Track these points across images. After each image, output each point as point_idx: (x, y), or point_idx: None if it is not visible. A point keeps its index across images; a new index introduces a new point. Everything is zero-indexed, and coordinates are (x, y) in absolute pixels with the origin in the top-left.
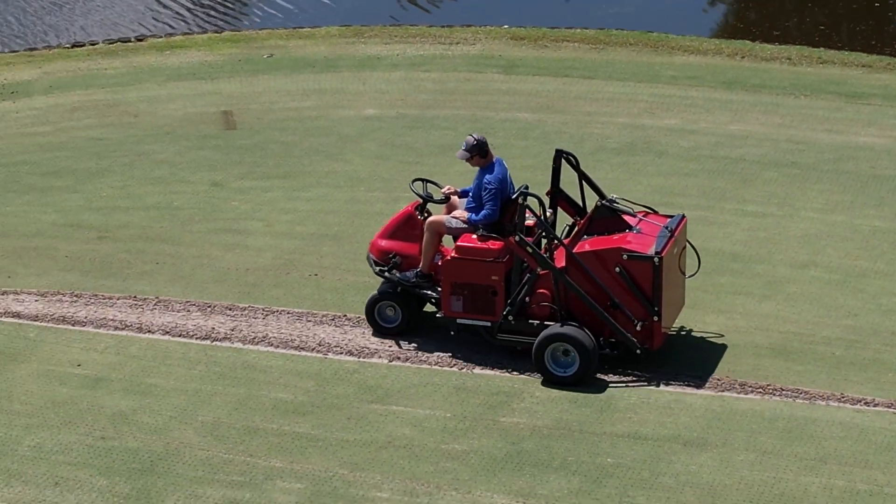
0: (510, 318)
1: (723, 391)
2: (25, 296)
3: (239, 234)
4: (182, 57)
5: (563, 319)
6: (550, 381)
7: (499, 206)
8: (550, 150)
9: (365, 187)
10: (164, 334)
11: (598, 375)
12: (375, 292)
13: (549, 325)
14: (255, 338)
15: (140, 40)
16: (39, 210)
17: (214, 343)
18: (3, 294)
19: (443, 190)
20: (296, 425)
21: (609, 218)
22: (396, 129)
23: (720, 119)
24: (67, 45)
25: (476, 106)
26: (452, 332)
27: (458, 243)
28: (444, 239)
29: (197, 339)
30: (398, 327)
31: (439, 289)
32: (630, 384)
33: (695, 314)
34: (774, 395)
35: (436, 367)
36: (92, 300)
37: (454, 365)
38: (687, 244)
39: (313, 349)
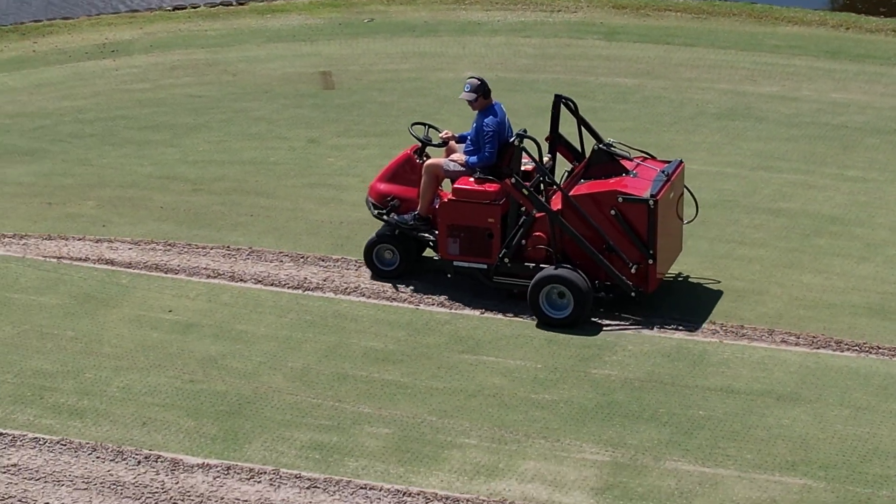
0: (506, 260)
1: (818, 348)
2: (119, 244)
3: (334, 189)
4: (282, 20)
5: (559, 262)
6: (545, 323)
7: (496, 149)
8: (649, 113)
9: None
10: (255, 283)
11: (697, 334)
12: (374, 235)
13: (545, 268)
14: (346, 288)
15: (241, 3)
16: (136, 162)
17: (306, 293)
18: (97, 242)
19: (441, 134)
20: (385, 373)
21: (607, 163)
22: (495, 92)
23: (822, 87)
24: (169, 8)
25: (575, 70)
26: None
27: (454, 186)
28: (444, 184)
29: (289, 288)
30: (396, 270)
31: (437, 231)
32: (724, 340)
33: (792, 273)
34: (871, 353)
35: (528, 319)
36: (185, 249)
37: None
38: (685, 191)
39: (405, 300)
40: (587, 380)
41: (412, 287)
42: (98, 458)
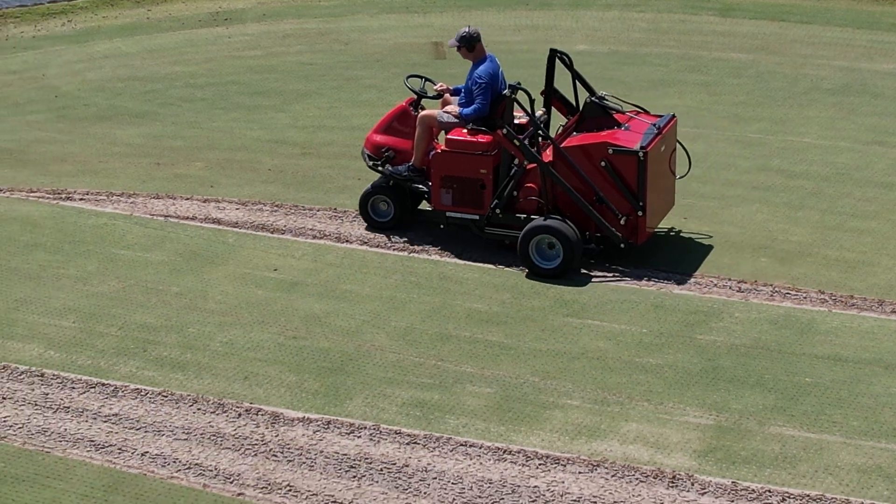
0: (498, 211)
1: None
2: (227, 204)
3: None
4: None
5: (550, 213)
6: (535, 274)
7: (489, 100)
8: (763, 88)
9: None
10: (361, 244)
11: (806, 303)
12: (369, 186)
13: (535, 219)
14: (453, 252)
15: None
16: (245, 126)
17: (411, 255)
18: (204, 202)
19: (435, 87)
20: (489, 334)
21: (599, 116)
22: (607, 65)
23: None
24: None
25: (689, 45)
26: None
27: (447, 137)
28: (441, 137)
29: (394, 250)
30: (391, 222)
31: (430, 183)
32: (833, 310)
33: None
34: None
35: (634, 284)
36: (292, 210)
37: (653, 284)
38: (678, 146)
39: (511, 264)
40: (692, 345)
41: (513, 256)
42: (199, 409)
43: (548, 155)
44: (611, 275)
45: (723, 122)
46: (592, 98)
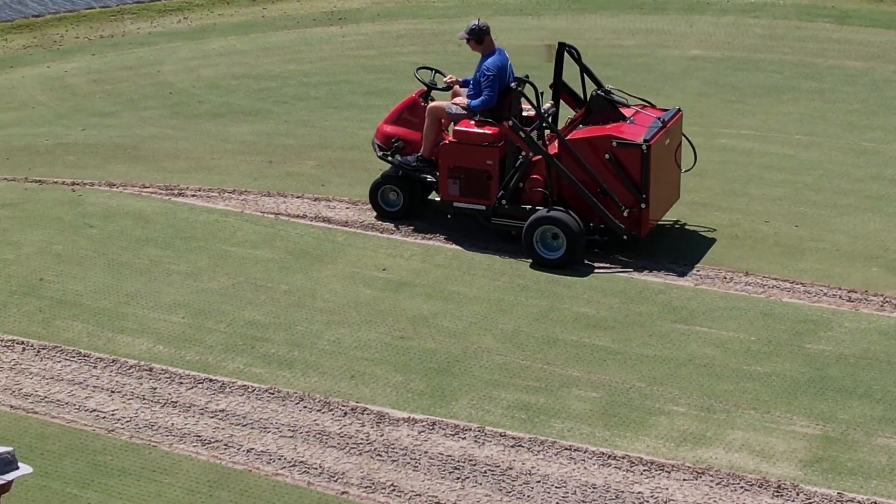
0: (504, 202)
1: None
2: (337, 203)
3: None
4: None
5: (554, 205)
6: (538, 264)
7: (496, 92)
8: (878, 97)
9: (684, 122)
10: (470, 246)
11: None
12: (379, 176)
13: (539, 210)
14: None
15: None
16: (357, 125)
17: (520, 258)
18: (315, 200)
19: (445, 79)
20: (596, 338)
21: (606, 110)
22: (721, 70)
23: None
24: None
25: (804, 52)
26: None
27: (455, 128)
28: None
29: (503, 253)
30: (400, 211)
31: (438, 173)
32: None
33: None
34: None
35: (743, 292)
36: None
37: (762, 292)
38: (684, 139)
39: (621, 269)
40: (801, 354)
41: (626, 258)
42: (305, 407)
43: (553, 147)
44: (718, 281)
45: (836, 129)
46: (598, 91)
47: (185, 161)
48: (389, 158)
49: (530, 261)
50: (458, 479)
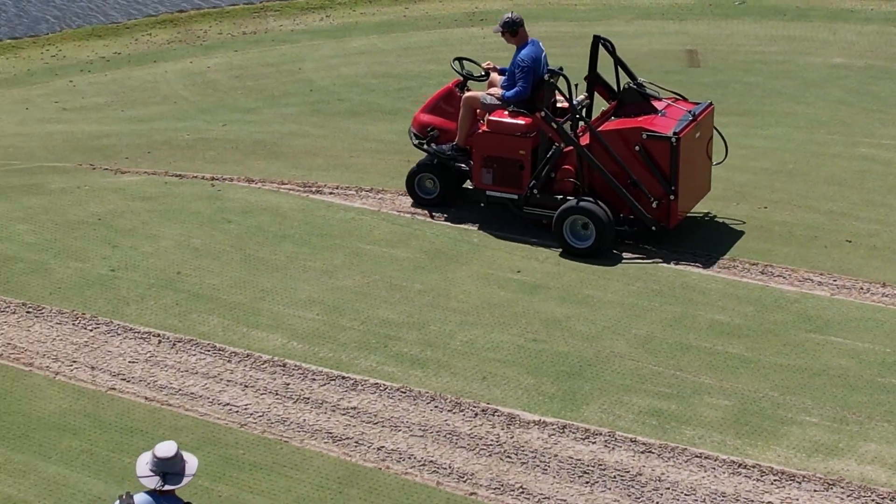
0: (535, 191)
1: None
2: (473, 204)
3: None
4: None
5: (585, 194)
6: (568, 252)
7: (530, 84)
8: None
9: (825, 130)
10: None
11: None
12: (415, 165)
13: (570, 199)
14: (696, 261)
15: None
16: None
17: (655, 262)
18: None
19: (483, 64)
20: (729, 346)
21: (638, 102)
22: (863, 78)
23: None
24: None
25: None
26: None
27: (489, 118)
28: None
29: (637, 257)
30: (436, 199)
31: (472, 162)
32: None
33: None
34: None
35: (880, 304)
36: None
37: None
38: (715, 132)
39: (755, 276)
40: None
41: (761, 268)
42: (436, 407)
43: (585, 138)
44: (855, 291)
45: None
46: (631, 84)
47: (323, 158)
48: (425, 147)
49: (665, 265)
50: (587, 483)
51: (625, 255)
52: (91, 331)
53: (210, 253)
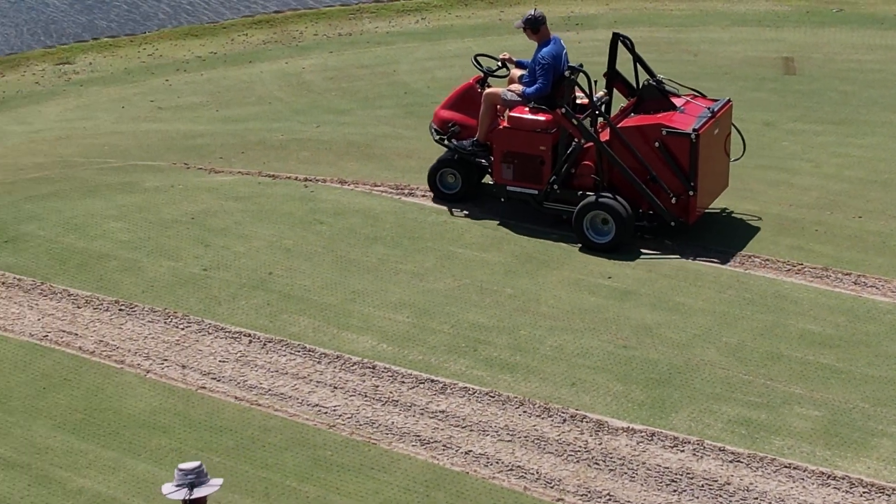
0: (556, 187)
1: None
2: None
3: (785, 172)
4: (749, 5)
5: (604, 190)
6: (588, 248)
7: (551, 80)
8: None
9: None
10: (696, 258)
11: None
12: (436, 161)
13: (590, 195)
14: (790, 269)
15: None
16: None
17: (748, 271)
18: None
19: (500, 56)
20: (820, 356)
21: (657, 99)
22: None
23: None
24: None
25: None
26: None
27: (509, 114)
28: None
29: (730, 265)
30: (458, 193)
31: (493, 157)
32: None
33: None
34: None
35: None
36: None
37: None
38: (733, 128)
39: (847, 286)
40: None
41: (854, 278)
42: (525, 412)
43: (605, 134)
44: None
45: None
46: (650, 81)
47: (416, 161)
48: (445, 142)
49: (757, 274)
50: (674, 491)
51: (713, 261)
52: (182, 329)
53: (302, 254)
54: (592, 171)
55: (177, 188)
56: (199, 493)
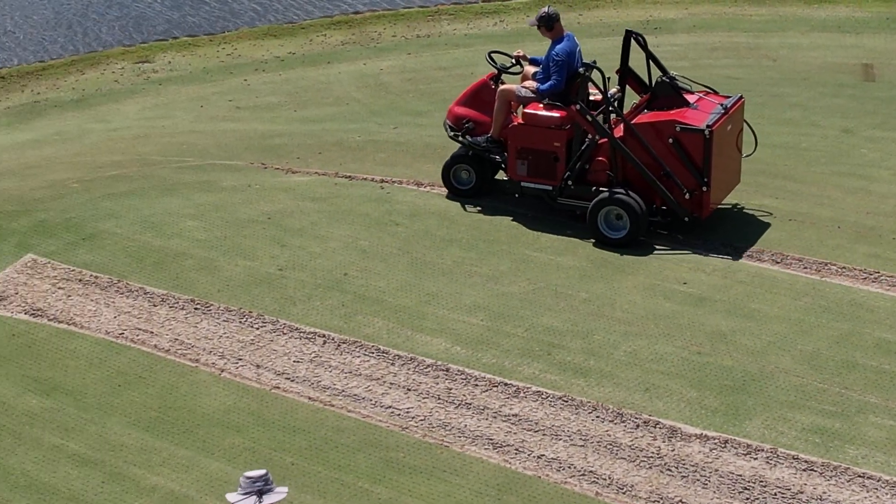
0: (570, 183)
1: None
2: None
3: (863, 180)
4: (829, 10)
5: (618, 186)
6: (602, 243)
7: (565, 77)
8: None
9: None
10: (773, 264)
11: None
12: (449, 157)
13: (604, 191)
14: (866, 278)
15: None
16: None
17: (824, 278)
18: None
19: (514, 53)
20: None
21: (670, 95)
22: None
23: None
24: None
25: None
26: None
27: (524, 111)
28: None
29: (805, 272)
30: (472, 189)
31: (507, 153)
32: None
33: None
34: None
35: None
36: (709, 224)
37: None
38: (745, 125)
39: None
40: None
41: None
42: (597, 417)
43: (619, 131)
44: None
45: None
46: (663, 77)
47: None
48: (460, 139)
49: (833, 281)
50: (747, 499)
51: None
52: (257, 329)
53: (377, 255)
54: (606, 167)
55: (254, 188)
56: (267, 500)
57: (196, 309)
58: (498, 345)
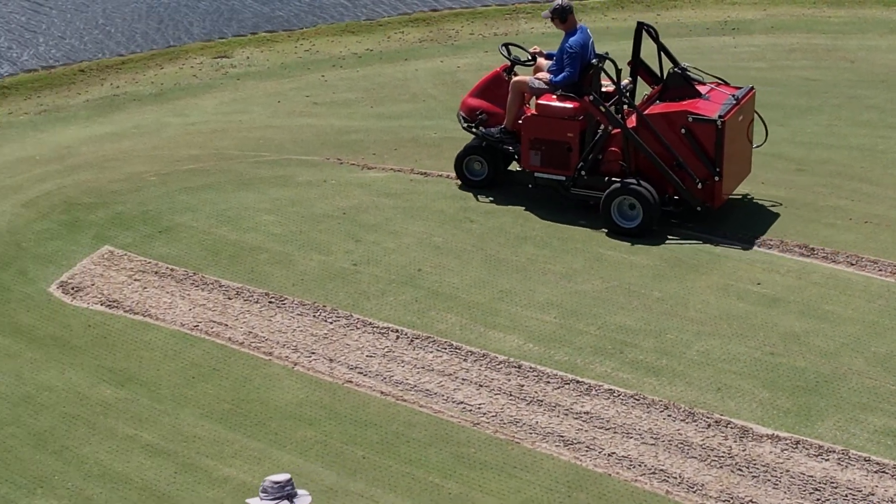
0: (583, 173)
1: None
2: (718, 213)
3: None
4: None
5: (631, 176)
6: (615, 233)
7: (578, 69)
8: None
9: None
10: (849, 266)
11: None
12: (462, 148)
13: (616, 181)
14: None
15: None
16: None
17: None
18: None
19: (530, 49)
20: None
21: (682, 86)
22: None
23: None
24: None
25: None
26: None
27: (537, 102)
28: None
29: (881, 274)
30: (485, 180)
31: (520, 144)
32: None
33: None
34: None
35: None
36: (794, 225)
37: None
38: (756, 116)
39: None
40: None
41: None
42: (669, 416)
43: (631, 121)
44: None
45: None
46: (675, 69)
47: None
48: (473, 130)
49: None
50: (818, 500)
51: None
52: (331, 323)
53: (451, 251)
54: (619, 158)
55: (329, 183)
56: None
57: (270, 302)
58: (570, 342)
